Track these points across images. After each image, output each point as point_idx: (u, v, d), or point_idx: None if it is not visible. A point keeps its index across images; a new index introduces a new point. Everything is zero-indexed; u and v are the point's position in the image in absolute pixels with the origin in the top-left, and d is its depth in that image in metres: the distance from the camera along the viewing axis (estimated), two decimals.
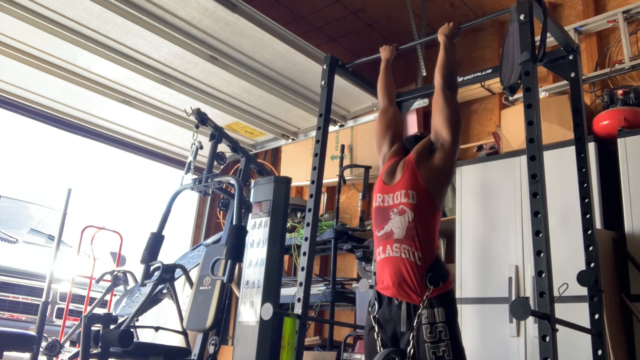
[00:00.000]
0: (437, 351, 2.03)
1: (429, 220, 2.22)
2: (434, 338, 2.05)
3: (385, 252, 2.23)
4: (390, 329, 2.20)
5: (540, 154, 1.89)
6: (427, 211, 2.22)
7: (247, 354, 2.76)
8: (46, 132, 7.88)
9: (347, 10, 4.44)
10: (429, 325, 2.07)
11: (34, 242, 5.53)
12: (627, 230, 2.70)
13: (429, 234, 2.20)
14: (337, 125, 4.46)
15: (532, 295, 2.76)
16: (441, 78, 2.31)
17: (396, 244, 2.19)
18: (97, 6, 3.08)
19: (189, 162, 3.41)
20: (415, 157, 2.30)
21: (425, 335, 2.06)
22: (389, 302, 2.20)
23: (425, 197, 2.22)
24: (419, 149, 2.32)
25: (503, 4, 4.11)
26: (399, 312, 2.15)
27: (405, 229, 2.19)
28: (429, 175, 2.24)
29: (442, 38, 2.44)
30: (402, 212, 2.23)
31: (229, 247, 2.81)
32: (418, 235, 2.17)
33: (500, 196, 3.14)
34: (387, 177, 2.37)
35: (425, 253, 2.16)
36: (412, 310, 2.13)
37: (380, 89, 2.66)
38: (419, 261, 2.15)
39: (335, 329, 4.12)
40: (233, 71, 3.76)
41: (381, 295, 2.24)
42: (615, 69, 3.48)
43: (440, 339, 2.05)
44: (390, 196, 2.30)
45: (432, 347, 2.04)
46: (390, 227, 2.25)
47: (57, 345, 3.43)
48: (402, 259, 2.17)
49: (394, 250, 2.20)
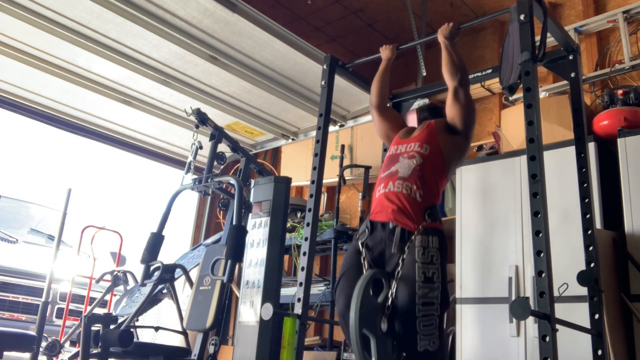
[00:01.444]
0: (427, 272, 2.05)
1: (437, 172, 2.27)
2: (426, 260, 2.07)
3: (386, 188, 2.25)
4: (378, 251, 2.19)
5: (540, 154, 1.89)
6: (437, 165, 2.28)
7: (247, 354, 2.76)
8: (46, 132, 7.88)
9: (347, 10, 4.44)
10: (422, 248, 2.09)
11: (34, 242, 5.53)
12: (627, 230, 2.69)
13: (434, 182, 2.25)
14: (337, 125, 4.46)
15: (532, 295, 2.76)
16: (450, 77, 2.35)
17: (399, 181, 2.23)
18: (97, 6, 3.08)
19: (189, 162, 3.41)
20: (436, 123, 2.40)
21: (418, 255, 2.07)
22: (382, 227, 2.20)
23: (438, 154, 2.29)
24: (440, 121, 2.42)
25: (503, 4, 4.11)
26: (392, 236, 2.15)
27: (411, 170, 2.24)
28: (445, 143, 2.32)
29: (442, 39, 2.44)
30: (411, 157, 2.28)
31: (229, 247, 2.81)
32: (423, 177, 2.22)
33: (500, 196, 3.14)
34: (403, 135, 2.47)
35: (427, 194, 2.20)
36: (406, 235, 2.13)
37: (375, 87, 2.67)
38: (420, 198, 2.18)
39: (335, 329, 4.11)
40: (233, 71, 3.76)
41: (374, 222, 2.24)
42: (615, 69, 3.47)
43: (432, 262, 2.08)
44: (404, 145, 2.37)
45: (422, 267, 2.06)
46: (397, 167, 2.29)
47: (57, 345, 3.43)
48: (403, 193, 2.19)
49: (396, 185, 2.23)
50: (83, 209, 7.36)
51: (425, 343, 2.01)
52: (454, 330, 3.10)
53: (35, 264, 4.94)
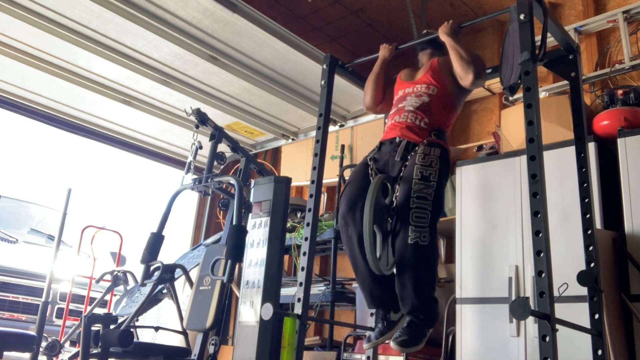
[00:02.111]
0: (425, 172, 2.18)
1: (444, 108, 2.37)
2: (425, 163, 2.20)
3: (392, 119, 2.38)
4: (383, 161, 2.34)
5: (540, 154, 1.89)
6: (445, 102, 2.37)
7: (247, 354, 2.76)
8: (46, 132, 7.89)
9: (347, 10, 4.44)
10: (424, 154, 2.22)
11: (34, 242, 5.53)
12: (627, 230, 2.69)
13: (441, 114, 2.35)
14: (337, 125, 4.46)
15: (532, 295, 2.76)
16: (464, 73, 2.35)
17: (405, 113, 2.34)
18: (97, 6, 3.08)
19: (189, 162, 3.40)
20: (440, 63, 2.44)
21: (418, 159, 2.21)
22: (390, 142, 2.34)
23: (445, 93, 2.37)
24: (444, 60, 2.45)
25: (503, 4, 4.11)
26: (397, 148, 2.29)
27: (419, 104, 2.34)
28: (451, 83, 2.38)
29: (445, 37, 2.44)
30: (419, 95, 2.38)
31: (229, 247, 2.81)
32: (430, 110, 2.33)
33: (500, 196, 3.14)
34: (406, 76, 2.54)
35: (432, 122, 2.31)
36: (410, 146, 2.28)
37: (370, 88, 2.70)
38: (425, 125, 2.31)
39: (335, 329, 4.12)
40: (233, 71, 3.76)
41: (383, 141, 2.39)
42: (615, 69, 3.47)
43: (430, 165, 2.20)
44: (410, 87, 2.44)
45: (420, 167, 2.18)
46: (404, 104, 2.40)
47: (57, 345, 3.43)
48: (409, 122, 2.32)
49: (402, 117, 2.35)
50: (83, 209, 7.36)
51: (416, 235, 2.12)
52: (454, 330, 3.09)
53: (35, 264, 4.94)
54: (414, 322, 2.17)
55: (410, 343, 2.13)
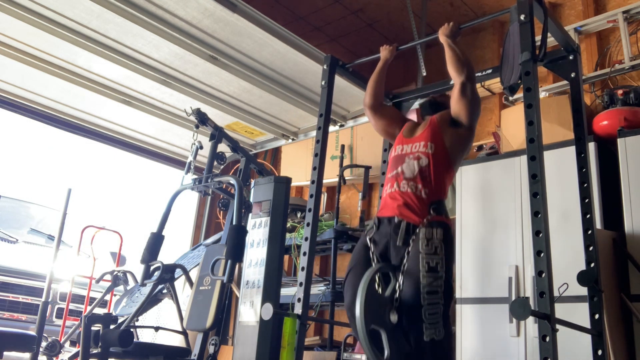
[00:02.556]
0: (431, 262, 2.08)
1: (443, 171, 2.30)
2: (430, 251, 2.10)
3: (392, 187, 2.31)
4: (383, 244, 2.24)
5: (540, 154, 1.89)
6: (442, 163, 2.31)
7: (247, 354, 2.76)
8: (46, 132, 7.88)
9: (347, 10, 4.44)
10: (427, 240, 2.12)
11: (34, 242, 5.53)
12: (627, 230, 2.69)
13: (440, 181, 2.28)
14: (337, 125, 4.46)
15: (532, 295, 2.76)
16: (456, 73, 2.35)
17: (404, 181, 2.28)
18: (97, 6, 3.08)
19: (189, 162, 3.41)
20: (439, 118, 2.41)
21: (422, 247, 2.11)
22: (388, 221, 2.25)
23: (443, 151, 2.31)
24: (442, 115, 2.43)
25: (503, 4, 4.11)
26: (397, 230, 2.20)
27: (417, 171, 2.27)
28: (450, 138, 2.34)
29: (443, 38, 2.45)
30: (417, 157, 2.32)
31: (229, 247, 2.81)
32: (428, 177, 2.25)
33: (500, 196, 3.14)
34: (407, 132, 2.48)
35: (432, 191, 2.24)
36: (411, 228, 2.18)
37: (371, 87, 2.69)
38: (425, 195, 2.22)
39: (335, 329, 4.12)
40: (233, 71, 3.76)
41: (381, 218, 2.30)
42: (615, 69, 3.47)
43: (436, 252, 2.11)
44: (409, 145, 2.39)
45: (426, 257, 2.09)
46: (402, 169, 2.33)
47: (57, 345, 3.42)
48: (408, 192, 2.25)
49: (402, 186, 2.28)
50: (83, 209, 7.35)
51: (431, 332, 2.04)
52: (454, 330, 3.09)
53: (35, 264, 4.93)
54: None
55: None
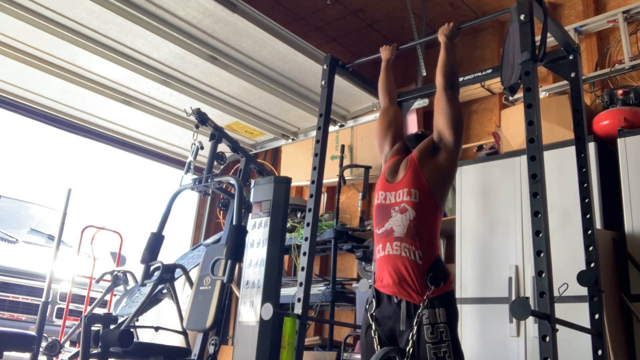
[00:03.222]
0: (439, 352, 2.02)
1: (431, 219, 2.20)
2: (435, 339, 2.03)
3: (384, 250, 2.21)
4: (389, 327, 2.17)
5: (540, 154, 1.89)
6: (429, 210, 2.21)
7: (247, 354, 2.76)
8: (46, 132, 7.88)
9: (347, 10, 4.44)
10: (430, 325, 2.05)
11: (34, 242, 5.53)
12: (627, 230, 2.69)
13: (430, 233, 2.19)
14: (337, 125, 4.46)
15: (532, 295, 2.76)
16: (443, 78, 2.29)
17: (396, 242, 2.17)
18: (97, 6, 3.08)
19: (188, 162, 3.41)
20: (418, 155, 2.28)
21: (427, 335, 2.04)
22: (388, 300, 2.18)
23: (428, 196, 2.21)
24: (421, 148, 2.31)
25: (503, 4, 4.11)
26: (398, 311, 2.13)
27: (406, 227, 2.17)
28: (432, 175, 2.23)
29: (442, 38, 2.44)
30: (403, 210, 2.21)
31: (229, 247, 2.81)
32: (419, 234, 2.15)
33: (500, 196, 3.14)
34: (389, 175, 2.35)
35: (426, 252, 2.14)
36: (412, 309, 2.11)
37: (381, 89, 2.66)
38: (420, 260, 2.13)
39: (335, 329, 4.12)
40: (233, 71, 3.76)
41: (380, 293, 2.22)
42: (615, 69, 3.48)
43: (442, 339, 2.04)
44: (392, 194, 2.28)
45: (433, 347, 2.03)
46: (391, 225, 2.22)
47: (57, 345, 3.42)
48: (402, 257, 2.15)
49: (394, 248, 2.18)
50: (83, 209, 7.35)
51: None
52: None
53: (35, 264, 4.94)
54: None
55: None
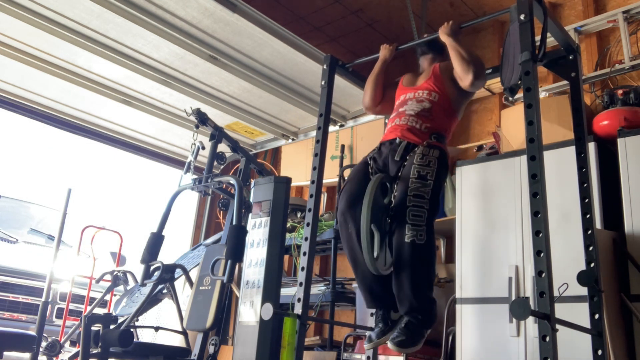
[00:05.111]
0: (422, 171, 2.19)
1: (445, 115, 2.39)
2: (423, 163, 2.22)
3: (393, 122, 2.41)
4: (382, 160, 2.36)
5: (540, 154, 1.89)
6: (445, 109, 2.39)
7: (247, 354, 2.76)
8: (46, 132, 7.89)
9: (347, 10, 4.44)
10: (422, 154, 2.24)
11: (34, 242, 5.53)
12: (627, 230, 2.69)
13: (442, 120, 2.38)
14: (337, 125, 4.46)
15: (532, 295, 2.76)
16: (463, 73, 2.36)
17: (406, 116, 2.37)
18: (97, 6, 3.08)
19: (188, 162, 3.41)
20: (442, 68, 2.46)
21: (416, 159, 2.23)
22: (390, 143, 2.36)
23: (446, 99, 2.39)
24: (445, 65, 2.47)
25: (503, 4, 4.11)
26: (397, 147, 2.32)
27: (420, 109, 2.37)
28: (452, 89, 2.41)
29: (445, 37, 2.45)
30: (420, 101, 2.40)
31: (229, 247, 2.81)
32: (431, 115, 2.35)
33: (500, 196, 3.14)
34: (408, 82, 2.56)
35: (433, 126, 2.34)
36: (410, 146, 2.31)
37: (370, 88, 2.72)
38: (426, 130, 2.34)
39: (335, 329, 4.12)
40: (233, 71, 3.76)
41: (383, 142, 2.41)
42: (615, 69, 3.47)
43: (428, 165, 2.22)
44: (412, 93, 2.46)
45: (418, 167, 2.20)
46: (405, 108, 2.42)
47: (57, 345, 3.42)
48: (410, 125, 2.35)
49: (403, 120, 2.38)
50: (83, 209, 7.36)
51: (412, 234, 2.13)
52: (454, 330, 3.09)
53: (35, 264, 4.94)
54: (411, 323, 2.16)
55: (408, 344, 2.13)
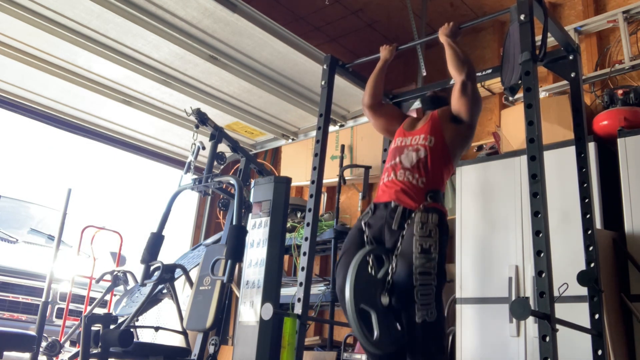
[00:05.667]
0: (424, 244, 2.10)
1: (441, 164, 2.32)
2: (424, 234, 2.12)
3: (389, 176, 2.33)
4: (378, 228, 2.26)
5: (540, 154, 1.89)
6: (441, 156, 2.32)
7: (247, 354, 2.76)
8: (46, 132, 7.89)
9: (347, 10, 4.44)
10: (421, 223, 2.14)
11: (34, 242, 5.53)
12: (627, 230, 2.69)
13: (437, 172, 2.30)
14: (337, 125, 4.46)
15: (532, 295, 2.76)
16: (457, 72, 2.35)
17: (402, 170, 2.30)
18: (97, 6, 3.08)
19: (189, 162, 3.41)
20: (440, 113, 2.42)
21: (416, 230, 2.13)
22: (384, 206, 2.27)
23: (443, 146, 2.33)
24: (443, 110, 2.44)
25: (503, 4, 4.11)
26: (393, 214, 2.22)
27: (415, 161, 2.29)
28: (450, 134, 2.36)
29: (444, 38, 2.45)
30: (417, 149, 2.34)
31: (229, 247, 2.82)
32: (426, 167, 2.27)
33: (500, 196, 3.14)
34: (408, 126, 2.50)
35: (430, 182, 2.26)
36: (407, 212, 2.20)
37: (370, 87, 2.70)
38: (422, 184, 2.25)
39: (335, 329, 4.12)
40: (233, 71, 3.76)
41: (377, 204, 2.32)
42: (615, 69, 3.47)
43: (430, 235, 2.13)
44: (409, 138, 2.41)
45: (420, 240, 2.11)
46: (401, 159, 2.35)
47: (57, 345, 3.42)
48: (405, 181, 2.27)
49: (399, 175, 2.30)
50: (83, 209, 7.36)
51: (423, 314, 2.05)
52: (454, 330, 3.10)
53: (35, 264, 4.93)
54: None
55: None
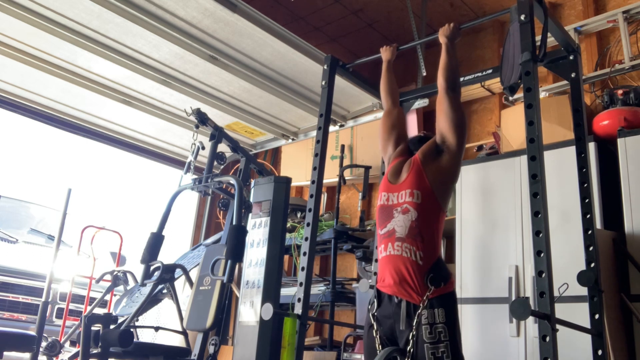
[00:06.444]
0: (437, 352, 2.02)
1: (433, 220, 2.21)
2: (434, 339, 2.04)
3: (386, 250, 2.22)
4: (389, 326, 2.19)
5: (540, 154, 1.89)
6: (432, 211, 2.21)
7: (247, 354, 2.76)
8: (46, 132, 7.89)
9: (347, 10, 4.44)
10: (429, 325, 2.06)
11: (34, 242, 5.53)
12: (627, 230, 2.70)
13: (432, 234, 2.19)
14: (337, 125, 4.46)
15: (532, 295, 2.76)
16: (444, 80, 2.28)
17: (398, 242, 2.18)
18: (97, 6, 3.08)
19: (188, 162, 3.41)
20: (422, 157, 2.28)
21: (425, 335, 2.05)
22: (389, 299, 2.19)
23: (431, 197, 2.21)
24: (424, 150, 2.31)
25: (503, 4, 4.11)
26: (398, 310, 2.14)
27: (408, 228, 2.18)
28: (435, 176, 2.23)
29: (443, 39, 2.44)
30: (405, 211, 2.21)
31: (229, 247, 2.82)
32: (421, 234, 2.16)
33: (500, 196, 3.14)
34: (392, 177, 2.35)
35: (427, 253, 2.15)
36: (412, 309, 2.12)
37: (383, 90, 2.65)
38: (421, 260, 2.13)
39: (335, 329, 4.12)
40: (233, 71, 3.76)
41: (381, 293, 2.23)
42: (615, 69, 3.48)
43: (440, 339, 2.04)
44: (395, 195, 2.28)
45: (431, 347, 2.03)
46: (393, 225, 2.23)
47: (57, 345, 3.42)
48: (404, 257, 2.15)
49: (396, 248, 2.19)
50: (83, 209, 7.35)
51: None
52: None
53: (35, 264, 4.93)
54: None
55: None
